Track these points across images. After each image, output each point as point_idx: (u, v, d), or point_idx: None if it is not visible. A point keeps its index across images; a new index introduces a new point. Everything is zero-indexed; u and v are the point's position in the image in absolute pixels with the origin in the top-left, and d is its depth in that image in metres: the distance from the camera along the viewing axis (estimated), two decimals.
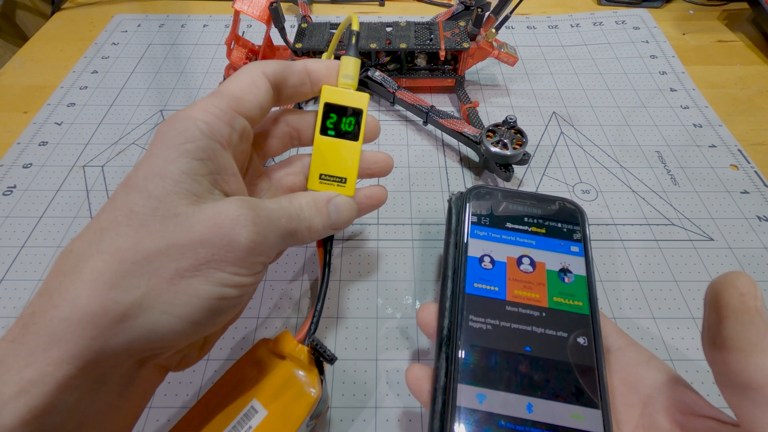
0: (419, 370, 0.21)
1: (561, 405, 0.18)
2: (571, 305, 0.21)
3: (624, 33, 0.51)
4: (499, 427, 0.18)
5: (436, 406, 0.19)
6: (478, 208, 0.23)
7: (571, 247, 0.22)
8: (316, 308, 0.24)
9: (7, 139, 0.41)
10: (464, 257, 0.22)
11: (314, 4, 0.57)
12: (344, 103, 0.23)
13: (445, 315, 0.21)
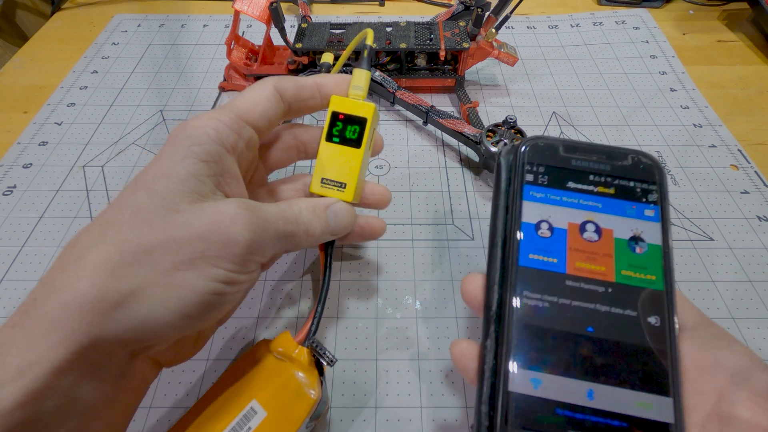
0: (466, 346, 0.19)
1: (626, 392, 0.16)
2: (642, 280, 0.18)
3: (624, 33, 0.51)
4: (556, 415, 0.16)
5: (484, 389, 0.17)
6: (534, 165, 0.20)
7: (645, 211, 0.19)
8: (316, 310, 0.24)
9: (7, 139, 0.41)
10: (517, 223, 0.19)
11: (314, 4, 0.57)
12: (350, 112, 0.23)
13: (494, 289, 0.19)
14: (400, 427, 0.26)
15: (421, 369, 0.28)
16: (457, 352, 0.19)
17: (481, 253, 0.33)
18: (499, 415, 0.16)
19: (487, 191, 0.37)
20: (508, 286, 0.18)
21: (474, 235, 0.34)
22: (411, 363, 0.28)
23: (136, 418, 0.26)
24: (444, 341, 0.29)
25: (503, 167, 0.20)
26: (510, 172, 0.20)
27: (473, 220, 0.35)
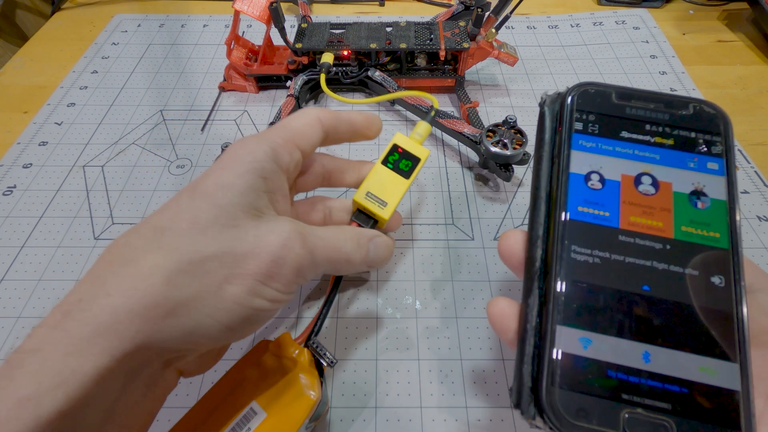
0: (505, 305, 0.18)
1: (687, 355, 0.15)
2: (704, 237, 0.17)
3: (624, 33, 0.51)
4: (608, 377, 0.15)
5: (526, 348, 0.16)
6: (584, 112, 0.18)
7: (708, 164, 0.17)
8: (321, 312, 0.24)
9: (7, 139, 0.41)
10: (565, 174, 0.17)
11: (314, 4, 0.57)
12: (409, 149, 0.27)
13: (537, 244, 0.17)
14: (400, 427, 0.26)
15: (421, 369, 0.28)
16: (497, 311, 0.18)
17: (481, 252, 0.33)
18: (545, 376, 0.15)
19: (487, 191, 0.37)
20: (554, 240, 0.17)
21: (474, 235, 0.34)
22: (411, 363, 0.28)
23: None
24: (444, 341, 0.29)
25: (548, 116, 0.19)
26: (556, 120, 0.19)
27: (473, 220, 0.35)
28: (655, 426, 0.14)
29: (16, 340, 0.29)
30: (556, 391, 0.15)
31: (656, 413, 0.14)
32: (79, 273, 0.32)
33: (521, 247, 0.18)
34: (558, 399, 0.15)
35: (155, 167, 0.39)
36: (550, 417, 0.15)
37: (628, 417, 0.15)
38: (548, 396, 0.15)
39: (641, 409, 0.15)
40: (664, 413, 0.14)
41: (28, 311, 0.30)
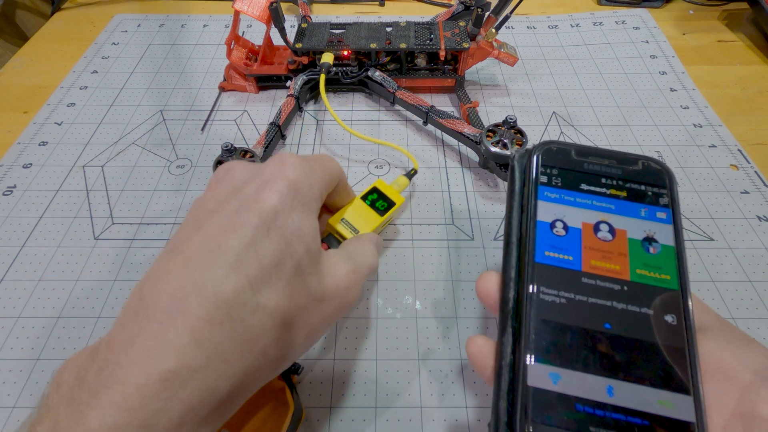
0: (482, 343, 0.19)
1: (646, 389, 0.16)
2: (657, 279, 0.18)
3: (624, 33, 0.51)
4: (576, 411, 0.16)
5: (502, 384, 0.17)
6: (548, 167, 0.20)
7: (657, 213, 0.19)
8: None
9: (7, 139, 0.41)
10: (533, 222, 0.19)
11: (314, 4, 0.57)
12: (387, 194, 0.31)
13: (510, 286, 0.19)
14: (400, 427, 0.26)
15: (421, 369, 0.28)
16: (475, 349, 0.19)
17: (481, 252, 0.33)
18: (519, 410, 0.16)
19: (487, 191, 0.37)
20: (525, 282, 0.18)
21: (474, 235, 0.34)
22: (411, 363, 0.28)
23: None
24: (444, 341, 0.29)
25: (517, 169, 0.21)
26: (524, 174, 0.21)
27: (473, 220, 0.35)
28: None
29: (16, 339, 0.29)
30: (529, 425, 0.16)
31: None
32: (79, 273, 0.32)
33: (496, 287, 0.19)
34: (532, 431, 0.16)
35: (155, 167, 0.39)
36: None
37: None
38: (522, 428, 0.16)
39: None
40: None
41: (28, 311, 0.30)
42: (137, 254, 0.33)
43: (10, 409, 0.26)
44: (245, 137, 0.41)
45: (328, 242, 0.29)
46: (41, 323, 0.30)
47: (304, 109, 0.44)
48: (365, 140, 0.40)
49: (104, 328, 0.29)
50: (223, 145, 0.33)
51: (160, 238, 0.34)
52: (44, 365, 0.28)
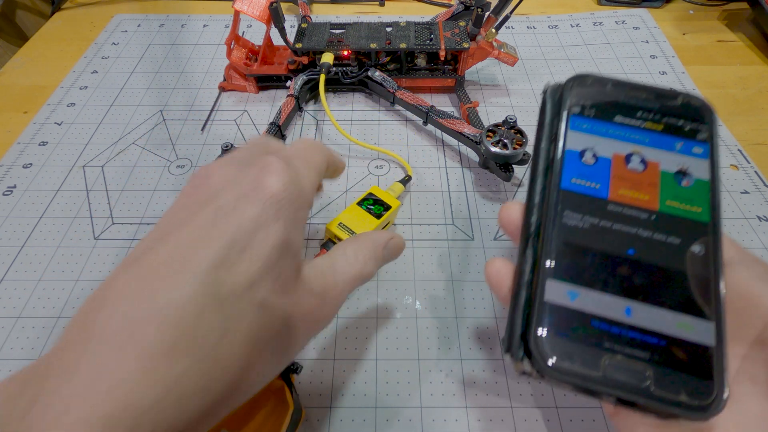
0: (501, 264, 0.19)
1: (666, 312, 0.17)
2: (687, 210, 0.18)
3: (624, 33, 0.51)
4: (592, 327, 0.16)
5: (518, 301, 0.18)
6: (581, 99, 0.20)
7: (693, 148, 0.19)
8: None
9: (7, 139, 0.41)
10: (561, 150, 0.19)
11: (314, 4, 0.57)
12: (382, 198, 0.32)
13: (533, 211, 0.19)
14: (400, 427, 0.26)
15: (421, 369, 0.28)
16: (493, 270, 0.19)
17: (481, 252, 0.33)
18: (534, 323, 0.16)
19: (487, 191, 0.37)
20: (548, 206, 0.18)
21: (474, 235, 0.34)
22: (411, 363, 0.28)
23: None
24: (444, 341, 0.29)
25: (549, 101, 0.21)
26: (556, 105, 0.20)
27: (473, 220, 0.35)
28: (633, 372, 0.16)
29: (16, 339, 0.29)
30: (543, 336, 0.17)
31: (635, 361, 0.16)
32: (79, 273, 0.32)
33: (519, 215, 0.19)
34: (544, 343, 0.16)
35: (155, 167, 0.39)
36: (537, 360, 0.16)
37: (608, 362, 0.16)
38: (536, 341, 0.16)
39: (621, 357, 0.16)
40: (642, 361, 0.16)
41: (28, 311, 0.30)
42: None
43: None
44: (245, 137, 0.41)
45: (327, 248, 0.29)
46: (41, 323, 0.30)
47: (304, 109, 0.44)
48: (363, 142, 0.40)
49: None
50: (223, 145, 0.33)
51: None
52: None
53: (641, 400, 0.15)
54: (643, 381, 0.15)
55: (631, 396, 0.15)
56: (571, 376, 0.16)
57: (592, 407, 0.26)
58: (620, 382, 0.15)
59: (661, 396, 0.15)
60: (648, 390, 0.15)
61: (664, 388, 0.15)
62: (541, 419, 0.26)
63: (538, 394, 0.27)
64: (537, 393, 0.27)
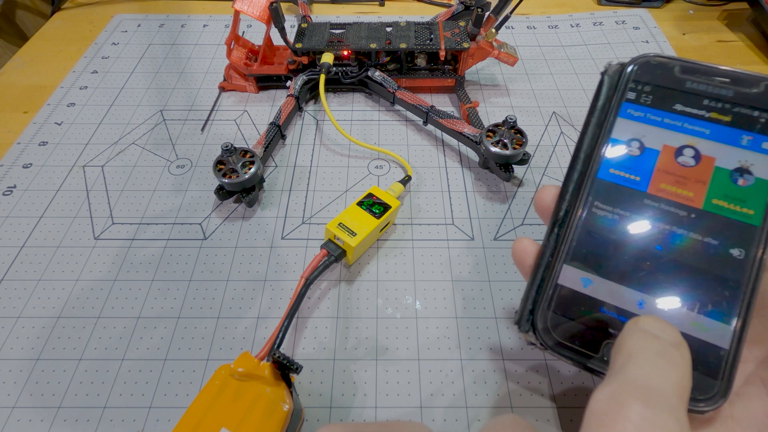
0: (528, 243, 0.20)
1: (681, 311, 0.16)
2: (735, 211, 0.17)
3: (624, 33, 0.51)
4: (600, 313, 0.17)
5: (535, 279, 0.18)
6: (641, 83, 0.19)
7: (762, 144, 0.17)
8: (283, 324, 0.25)
9: (7, 139, 0.41)
10: (605, 138, 0.18)
11: (314, 4, 0.57)
12: (382, 198, 0.32)
13: (566, 198, 0.19)
14: None
15: (421, 369, 0.28)
16: (519, 247, 0.20)
17: (481, 252, 0.33)
18: (543, 300, 0.17)
19: (487, 191, 0.37)
20: (581, 194, 0.18)
21: (474, 235, 0.34)
22: (411, 363, 0.28)
23: (135, 418, 0.26)
24: (444, 341, 0.29)
25: (605, 84, 0.19)
26: (612, 89, 0.19)
27: (473, 220, 0.35)
28: None
29: (16, 339, 0.29)
30: (549, 314, 0.17)
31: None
32: (79, 273, 0.32)
33: (552, 199, 0.20)
34: (550, 320, 0.17)
35: (155, 167, 0.39)
36: (540, 333, 0.17)
37: (607, 346, 0.16)
38: (542, 316, 0.17)
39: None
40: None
41: (28, 311, 0.30)
42: (137, 254, 0.33)
43: (10, 409, 0.26)
44: (245, 137, 0.41)
45: (327, 247, 0.29)
46: (41, 323, 0.30)
47: (304, 109, 0.44)
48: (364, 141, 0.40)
49: (104, 328, 0.29)
50: (223, 145, 0.33)
51: (160, 238, 0.34)
52: (44, 365, 0.28)
53: None
54: None
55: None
56: (569, 353, 0.17)
57: None
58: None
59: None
60: None
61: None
62: (542, 419, 0.26)
63: (538, 394, 0.27)
64: (537, 393, 0.27)
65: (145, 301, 0.30)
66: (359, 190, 0.37)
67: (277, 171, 0.38)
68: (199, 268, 0.32)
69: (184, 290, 0.31)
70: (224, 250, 0.33)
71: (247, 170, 0.33)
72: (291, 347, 0.29)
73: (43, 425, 0.26)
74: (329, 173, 0.38)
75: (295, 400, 0.23)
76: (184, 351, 0.28)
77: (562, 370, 0.28)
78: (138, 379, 0.27)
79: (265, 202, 0.36)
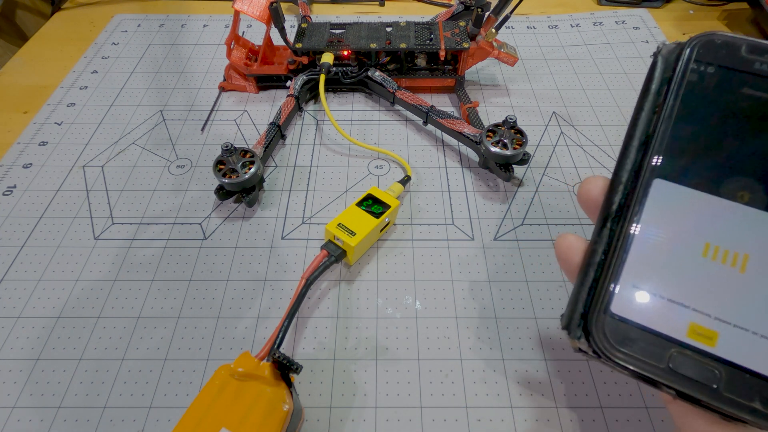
0: (574, 240, 0.19)
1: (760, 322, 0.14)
2: None
3: (624, 33, 0.51)
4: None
5: (585, 279, 0.16)
6: (703, 64, 0.17)
7: None
8: (283, 324, 0.25)
9: (7, 139, 0.41)
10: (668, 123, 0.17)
11: (314, 4, 0.57)
12: (381, 198, 0.32)
13: (618, 190, 0.17)
14: (400, 427, 0.26)
15: (421, 369, 0.28)
16: (565, 244, 0.19)
17: (481, 252, 0.33)
18: (599, 303, 0.15)
19: (487, 191, 0.37)
20: (639, 186, 0.16)
21: (474, 235, 0.34)
22: (411, 363, 0.28)
23: (135, 418, 0.26)
24: (444, 341, 0.29)
25: (660, 65, 0.18)
26: (668, 70, 0.17)
27: (473, 220, 0.35)
28: (702, 370, 0.14)
29: (16, 339, 0.29)
30: (606, 318, 0.15)
31: (706, 359, 0.14)
32: (79, 273, 0.32)
33: (600, 191, 0.18)
34: (607, 325, 0.15)
35: (155, 167, 0.39)
36: (595, 340, 0.15)
37: (675, 355, 0.14)
38: (598, 321, 0.15)
39: (691, 353, 0.14)
40: (715, 361, 0.14)
41: (28, 311, 0.30)
42: (137, 254, 0.33)
43: (10, 409, 0.26)
44: (245, 137, 0.41)
45: (327, 248, 0.29)
46: (41, 323, 0.30)
47: (304, 109, 0.44)
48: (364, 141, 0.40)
49: (104, 328, 0.29)
50: (223, 145, 0.33)
51: (160, 238, 0.34)
52: (44, 365, 0.28)
53: (708, 400, 0.14)
54: (712, 381, 0.14)
55: (696, 394, 0.14)
56: (630, 362, 0.15)
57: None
58: (686, 378, 0.14)
59: (731, 399, 0.14)
60: (717, 391, 0.14)
61: (735, 391, 0.14)
62: (542, 419, 0.26)
63: (538, 394, 0.27)
64: (537, 393, 0.27)
65: (145, 301, 0.30)
66: (359, 190, 0.37)
67: (277, 171, 0.38)
68: (199, 268, 0.32)
69: (184, 290, 0.31)
70: (224, 250, 0.33)
71: (247, 170, 0.33)
72: (291, 347, 0.29)
73: (43, 425, 0.26)
74: (329, 173, 0.38)
75: (295, 400, 0.23)
76: (184, 351, 0.28)
77: (562, 370, 0.28)
78: (138, 379, 0.27)
79: (265, 202, 0.36)
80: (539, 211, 0.35)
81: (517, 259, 0.32)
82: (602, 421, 0.26)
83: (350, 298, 0.31)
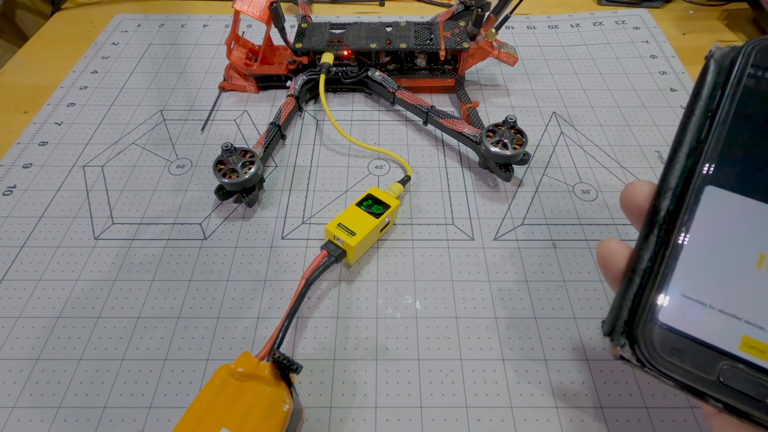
0: (617, 246, 0.18)
1: None
2: None
3: (624, 33, 0.51)
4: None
5: (630, 286, 0.16)
6: (760, 68, 0.16)
7: None
8: (283, 324, 0.25)
9: (7, 139, 0.41)
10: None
11: (314, 4, 0.57)
12: (381, 198, 0.32)
13: (666, 196, 0.16)
14: (400, 427, 0.26)
15: (421, 369, 0.28)
16: (607, 250, 0.18)
17: (481, 252, 0.33)
18: (646, 311, 0.15)
19: (487, 191, 0.37)
20: (690, 193, 0.16)
21: (474, 235, 0.34)
22: (411, 363, 0.28)
23: (135, 418, 0.26)
24: (444, 341, 0.29)
25: (712, 69, 0.17)
26: (722, 75, 0.17)
27: (473, 220, 0.35)
28: (755, 384, 0.14)
29: (16, 339, 0.29)
30: (654, 327, 0.15)
31: (760, 373, 0.14)
32: (79, 273, 0.32)
33: (645, 196, 0.18)
34: (654, 334, 0.15)
35: (155, 167, 0.39)
36: (641, 349, 0.15)
37: (725, 368, 0.14)
38: (645, 330, 0.15)
39: (744, 366, 0.14)
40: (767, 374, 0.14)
41: (28, 311, 0.30)
42: (137, 254, 0.33)
43: (10, 409, 0.26)
44: (245, 137, 0.41)
45: (327, 248, 0.29)
46: (41, 323, 0.30)
47: (304, 109, 0.44)
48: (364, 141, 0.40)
49: (104, 328, 0.29)
50: (223, 145, 0.33)
51: (160, 238, 0.34)
52: (44, 365, 0.28)
53: (759, 415, 0.13)
54: (765, 395, 0.14)
55: (747, 408, 0.14)
56: (678, 373, 0.14)
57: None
58: (737, 391, 0.14)
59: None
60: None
61: None
62: (542, 419, 0.26)
63: (539, 394, 0.27)
64: (537, 393, 0.27)
65: (145, 301, 0.31)
66: (359, 190, 0.37)
67: (277, 171, 0.38)
68: (199, 268, 0.32)
69: (184, 290, 0.31)
70: (224, 250, 0.33)
71: (247, 170, 0.33)
72: (291, 347, 0.29)
73: (43, 425, 0.26)
74: (329, 173, 0.38)
75: (295, 400, 0.23)
76: (184, 351, 0.28)
77: (562, 370, 0.28)
78: (138, 379, 0.27)
79: (265, 202, 0.36)
80: (539, 211, 0.35)
81: (517, 259, 0.32)
82: (602, 421, 0.26)
83: (350, 298, 0.31)
